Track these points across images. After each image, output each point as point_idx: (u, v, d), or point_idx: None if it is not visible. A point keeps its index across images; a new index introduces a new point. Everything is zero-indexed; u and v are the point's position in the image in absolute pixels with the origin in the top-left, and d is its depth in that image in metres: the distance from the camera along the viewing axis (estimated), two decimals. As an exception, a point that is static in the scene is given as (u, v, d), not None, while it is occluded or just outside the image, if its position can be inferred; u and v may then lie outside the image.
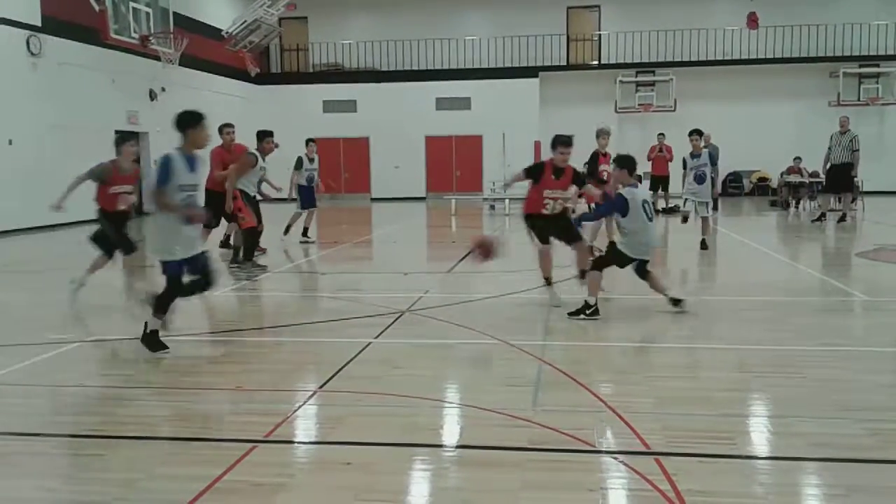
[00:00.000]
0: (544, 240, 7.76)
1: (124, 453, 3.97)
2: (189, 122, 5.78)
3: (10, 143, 15.89)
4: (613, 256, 7.30)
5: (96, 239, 8.08)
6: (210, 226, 10.11)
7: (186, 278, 5.87)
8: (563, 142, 7.57)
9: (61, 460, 4.01)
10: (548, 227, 7.72)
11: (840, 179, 15.83)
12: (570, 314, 7.07)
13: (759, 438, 4.17)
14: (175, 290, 5.83)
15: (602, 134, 11.23)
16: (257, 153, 10.26)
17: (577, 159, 8.57)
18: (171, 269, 5.78)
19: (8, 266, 12.00)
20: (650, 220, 7.13)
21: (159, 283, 6.00)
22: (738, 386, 5.04)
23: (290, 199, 13.07)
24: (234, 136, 11.17)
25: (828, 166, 16.07)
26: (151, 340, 5.82)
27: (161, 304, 5.82)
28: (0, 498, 3.52)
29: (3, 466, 3.83)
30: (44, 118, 16.84)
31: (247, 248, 10.26)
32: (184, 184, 5.71)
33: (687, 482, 3.45)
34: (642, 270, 7.33)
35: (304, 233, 13.26)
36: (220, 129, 10.88)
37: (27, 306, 8.31)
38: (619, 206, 7.11)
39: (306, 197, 13.24)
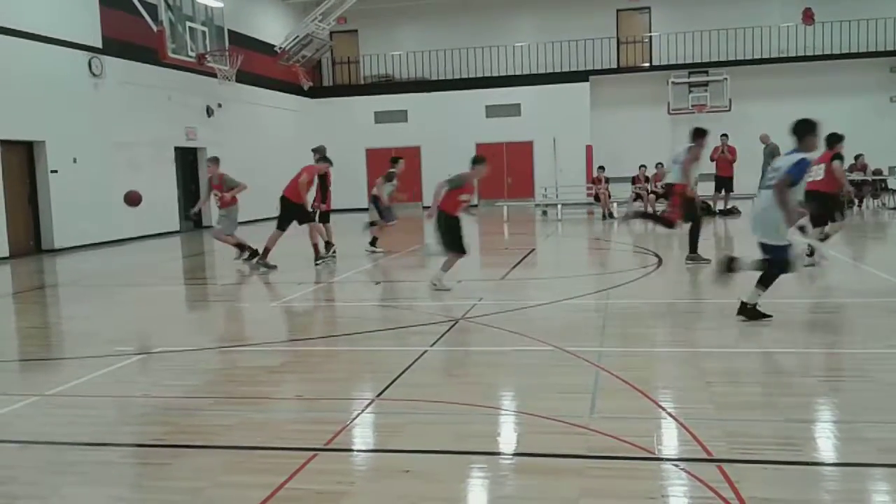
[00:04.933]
0: None
1: (189, 462, 4.06)
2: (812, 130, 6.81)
3: (75, 161, 16.41)
4: None
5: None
6: None
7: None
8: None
9: (128, 469, 4.11)
10: None
11: None
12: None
13: (826, 444, 4.06)
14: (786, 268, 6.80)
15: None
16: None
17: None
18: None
19: (74, 281, 12.39)
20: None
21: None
22: (803, 391, 4.93)
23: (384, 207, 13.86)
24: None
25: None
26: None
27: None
28: (72, 506, 3.64)
29: (73, 475, 3.95)
30: (106, 136, 17.37)
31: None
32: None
33: (751, 489, 3.38)
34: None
35: (373, 242, 13.70)
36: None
37: (92, 319, 8.57)
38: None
39: (392, 210, 14.27)
